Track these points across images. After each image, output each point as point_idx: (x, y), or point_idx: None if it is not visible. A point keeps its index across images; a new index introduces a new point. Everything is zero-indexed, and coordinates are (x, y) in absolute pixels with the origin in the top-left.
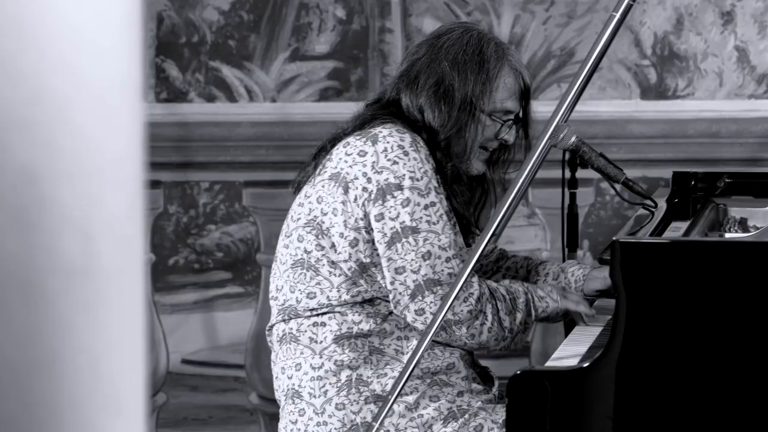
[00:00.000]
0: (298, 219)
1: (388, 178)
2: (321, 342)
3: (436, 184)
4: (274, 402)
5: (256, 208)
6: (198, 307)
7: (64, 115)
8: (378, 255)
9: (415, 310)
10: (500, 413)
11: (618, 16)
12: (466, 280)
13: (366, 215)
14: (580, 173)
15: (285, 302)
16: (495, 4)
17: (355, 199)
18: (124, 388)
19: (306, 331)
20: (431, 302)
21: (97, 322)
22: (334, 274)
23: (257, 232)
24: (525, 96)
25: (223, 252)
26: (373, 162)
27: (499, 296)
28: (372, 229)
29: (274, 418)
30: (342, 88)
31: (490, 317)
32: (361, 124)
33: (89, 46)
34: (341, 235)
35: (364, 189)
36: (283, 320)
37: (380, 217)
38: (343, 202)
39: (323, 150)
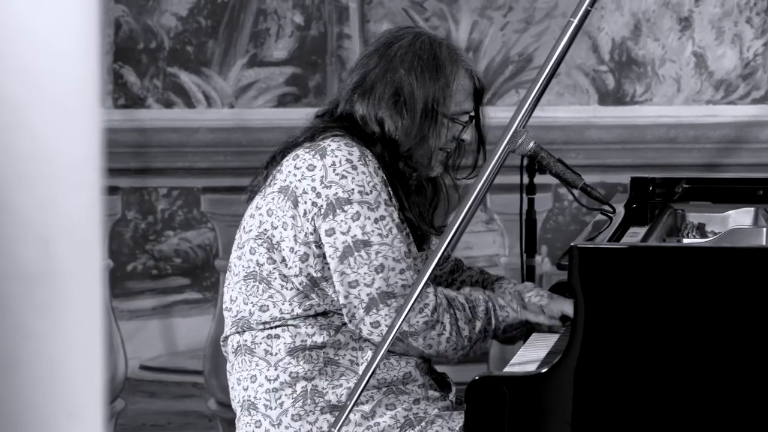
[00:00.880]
0: (250, 230)
1: (337, 193)
2: (276, 354)
3: (386, 197)
4: (232, 408)
5: (214, 214)
6: (156, 313)
7: (21, 119)
8: (329, 269)
9: (371, 323)
10: (457, 420)
11: (576, 21)
12: (421, 291)
13: (316, 230)
14: (539, 179)
15: (238, 313)
16: (453, 9)
17: (305, 214)
18: (82, 394)
19: (261, 343)
20: (386, 315)
21: (55, 327)
22: (286, 288)
23: (215, 238)
24: (478, 94)
25: (181, 258)
26: (322, 176)
27: (457, 305)
28: (322, 244)
29: (232, 424)
30: (300, 93)
31: (448, 327)
32: (311, 136)
33: (47, 51)
34: (291, 249)
35: (314, 204)
36: (238, 332)
37: (331, 231)
38: (293, 217)
39: (274, 159)
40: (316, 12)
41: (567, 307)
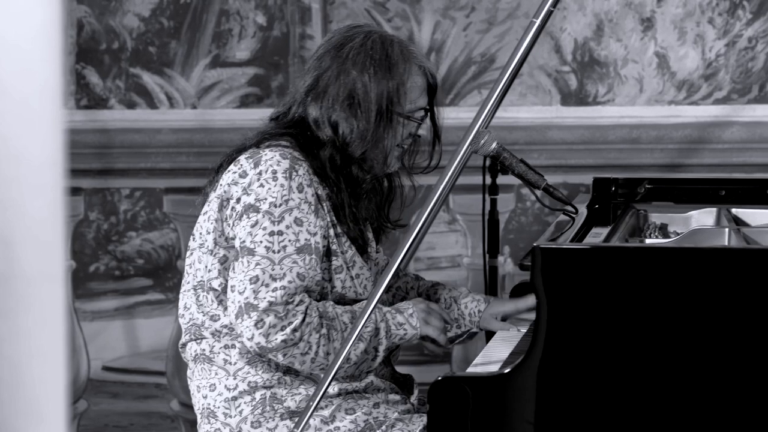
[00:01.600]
0: (197, 238)
1: (250, 200)
2: (235, 363)
3: (298, 215)
4: (194, 410)
5: (176, 215)
6: (119, 314)
7: None
8: None
9: (240, 331)
10: (417, 423)
11: (538, 22)
12: (289, 309)
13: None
14: (501, 179)
15: (190, 321)
16: (415, 10)
17: (226, 219)
18: (44, 395)
19: (219, 352)
20: (247, 326)
21: (18, 328)
22: (208, 293)
23: (178, 239)
24: (431, 89)
25: (143, 259)
26: (248, 184)
27: (337, 325)
28: None
29: (195, 425)
30: (263, 94)
31: (314, 347)
32: (260, 141)
33: (9, 52)
34: (211, 252)
35: (233, 209)
36: (194, 340)
37: (234, 235)
38: (216, 220)
39: (223, 165)
40: (278, 12)
41: (508, 306)
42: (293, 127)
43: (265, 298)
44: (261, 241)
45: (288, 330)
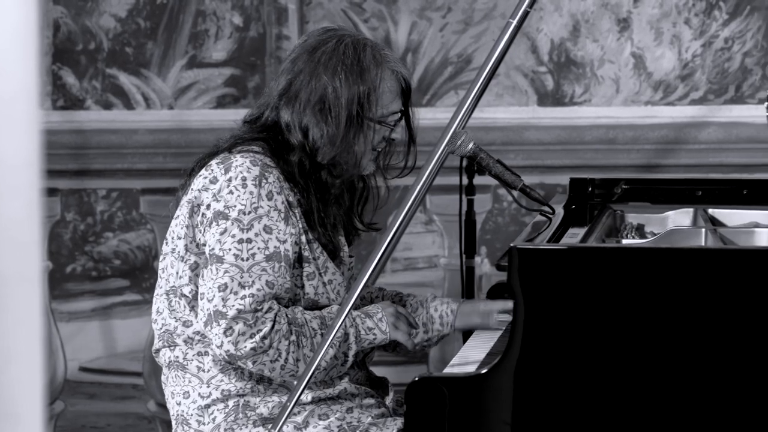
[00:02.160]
0: (170, 242)
1: (219, 207)
2: (208, 371)
3: (268, 223)
4: None
5: (153, 216)
6: (96, 315)
7: None
8: None
9: (211, 337)
10: (391, 427)
11: (515, 22)
12: (258, 317)
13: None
14: (478, 180)
15: (163, 326)
16: (392, 11)
17: (197, 225)
18: (21, 396)
19: (192, 359)
20: (216, 334)
21: None
22: (179, 300)
23: (155, 240)
24: (406, 92)
25: (120, 259)
26: (218, 190)
27: (306, 332)
28: None
29: (171, 426)
30: (239, 95)
31: (284, 354)
32: (232, 146)
33: None
34: (182, 258)
35: (203, 215)
36: (168, 346)
37: (204, 242)
38: (187, 226)
39: (195, 169)
40: (255, 13)
41: (492, 305)
42: (266, 131)
43: (233, 305)
44: (230, 249)
45: (257, 337)
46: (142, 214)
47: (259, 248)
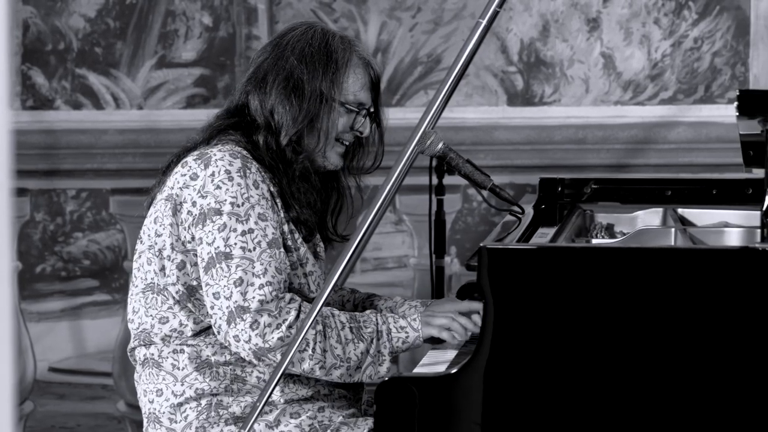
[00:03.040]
0: (145, 240)
1: (210, 203)
2: (183, 369)
3: (261, 211)
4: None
5: (123, 216)
6: (65, 315)
7: None
8: None
9: (233, 336)
10: (362, 426)
11: (485, 22)
12: (282, 307)
13: (194, 238)
14: (448, 180)
15: (140, 326)
16: (361, 11)
17: (182, 223)
18: None
19: (167, 357)
20: (242, 329)
21: None
22: (165, 298)
23: (124, 240)
24: (375, 87)
25: (90, 260)
26: (201, 186)
27: (332, 323)
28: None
29: (142, 426)
30: (209, 95)
31: (311, 344)
32: (208, 138)
33: None
34: (168, 257)
35: (189, 212)
36: (143, 345)
37: (200, 241)
38: (171, 224)
39: (170, 165)
40: (224, 13)
41: (468, 305)
42: (236, 115)
43: (254, 297)
44: (236, 243)
45: (283, 327)
46: (111, 214)
47: (261, 236)
